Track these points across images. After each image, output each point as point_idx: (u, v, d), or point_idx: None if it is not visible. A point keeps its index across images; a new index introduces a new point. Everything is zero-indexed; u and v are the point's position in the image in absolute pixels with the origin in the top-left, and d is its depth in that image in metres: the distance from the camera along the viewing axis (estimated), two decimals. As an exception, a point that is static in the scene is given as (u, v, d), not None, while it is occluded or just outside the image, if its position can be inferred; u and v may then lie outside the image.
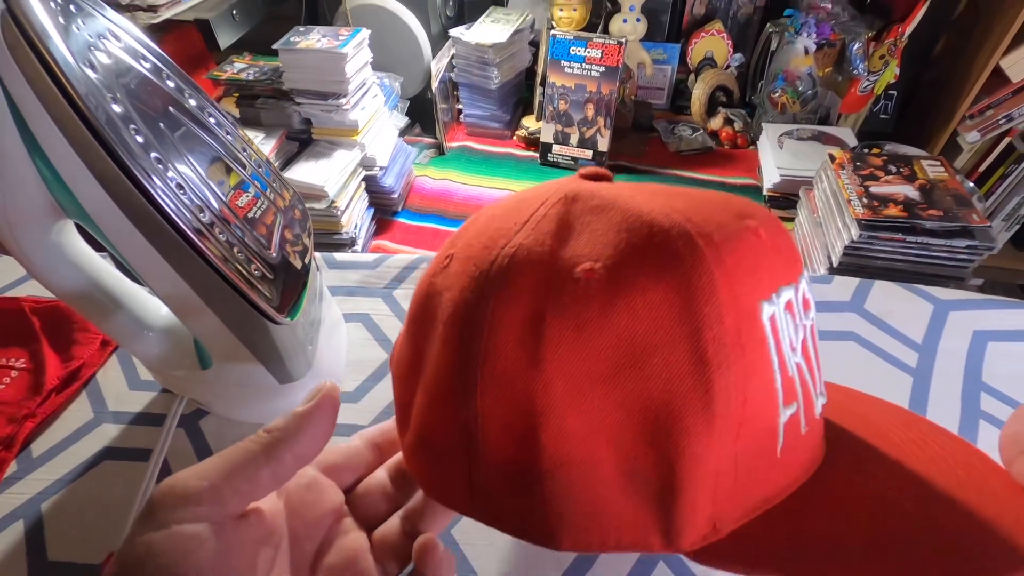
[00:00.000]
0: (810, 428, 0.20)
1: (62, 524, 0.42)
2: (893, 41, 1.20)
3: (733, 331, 0.17)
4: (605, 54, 1.25)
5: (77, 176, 0.31)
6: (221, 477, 0.18)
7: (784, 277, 0.19)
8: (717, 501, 0.17)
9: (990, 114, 1.18)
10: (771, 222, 0.20)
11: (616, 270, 0.17)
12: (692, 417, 0.16)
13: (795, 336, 0.19)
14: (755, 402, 0.17)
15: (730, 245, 0.17)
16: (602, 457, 0.17)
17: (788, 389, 0.18)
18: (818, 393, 0.20)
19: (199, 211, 0.34)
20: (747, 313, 0.17)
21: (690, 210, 0.18)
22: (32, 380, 0.49)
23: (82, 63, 0.30)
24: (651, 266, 0.17)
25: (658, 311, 0.17)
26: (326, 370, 0.48)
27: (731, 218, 0.19)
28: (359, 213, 1.15)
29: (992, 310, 0.56)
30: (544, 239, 0.19)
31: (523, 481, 0.18)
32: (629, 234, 0.18)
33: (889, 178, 0.83)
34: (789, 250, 0.20)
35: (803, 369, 0.19)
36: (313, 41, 1.04)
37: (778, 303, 0.18)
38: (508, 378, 0.18)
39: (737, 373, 0.17)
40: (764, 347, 0.17)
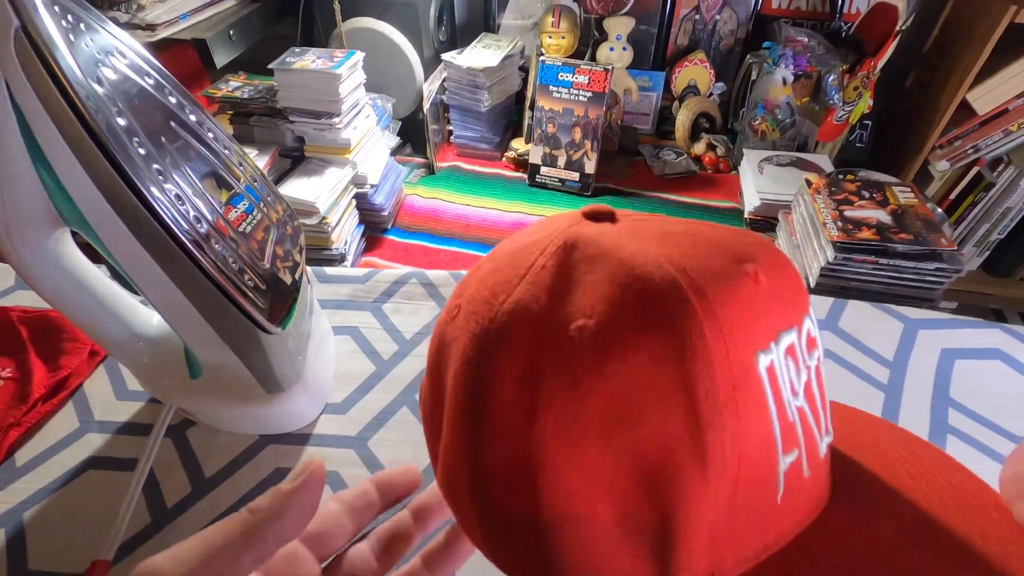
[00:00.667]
0: (813, 471, 0.19)
1: (45, 533, 0.41)
2: (866, 74, 1.26)
3: (726, 387, 0.16)
4: (592, 80, 1.29)
5: (80, 185, 0.32)
6: (201, 563, 0.17)
7: (785, 321, 0.19)
8: (714, 551, 0.18)
9: (958, 144, 1.23)
10: (773, 262, 0.19)
11: (608, 327, 0.17)
12: (686, 473, 0.17)
13: (797, 380, 0.19)
14: (752, 455, 0.17)
15: (723, 298, 0.17)
16: (600, 510, 0.18)
17: (788, 436, 0.18)
18: (823, 433, 0.20)
19: (196, 222, 0.35)
20: (741, 367, 0.17)
21: (686, 257, 0.18)
22: (18, 389, 0.49)
23: (89, 78, 0.31)
24: (642, 323, 0.17)
25: (649, 369, 0.17)
26: (315, 382, 0.49)
27: (728, 264, 0.18)
28: (349, 229, 1.17)
29: (959, 329, 0.58)
30: (540, 294, 0.19)
31: (526, 533, 0.19)
32: (621, 289, 0.18)
33: (863, 203, 0.86)
34: (793, 291, 0.20)
35: (806, 412, 0.19)
36: (308, 62, 1.06)
37: (777, 351, 0.18)
38: (508, 434, 0.18)
39: (731, 428, 0.17)
40: (761, 399, 0.17)
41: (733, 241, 0.20)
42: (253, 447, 0.47)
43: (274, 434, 0.48)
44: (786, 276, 0.20)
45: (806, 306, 0.20)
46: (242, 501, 0.44)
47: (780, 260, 0.20)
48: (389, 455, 0.47)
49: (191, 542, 0.18)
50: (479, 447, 0.19)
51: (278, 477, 0.45)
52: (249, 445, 0.47)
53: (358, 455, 0.47)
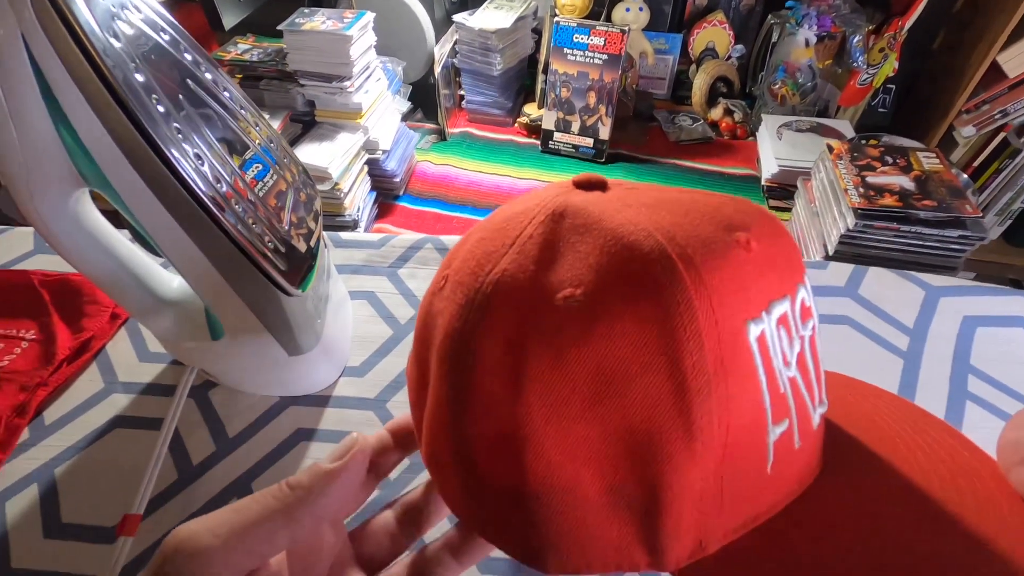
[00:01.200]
0: (804, 442, 0.19)
1: (76, 488, 0.43)
2: (893, 35, 1.21)
3: (714, 356, 0.16)
4: (608, 42, 1.26)
5: (100, 144, 0.31)
6: (236, 536, 0.17)
7: (778, 290, 0.18)
8: (703, 520, 0.18)
9: (986, 109, 1.19)
10: (767, 231, 0.19)
11: (595, 296, 0.17)
12: (673, 443, 0.16)
13: (789, 350, 0.19)
14: (740, 424, 0.17)
15: (712, 265, 0.17)
16: (586, 481, 0.18)
17: (778, 407, 0.18)
18: (817, 404, 0.20)
19: (216, 182, 0.35)
20: (731, 336, 0.17)
21: (676, 226, 0.18)
22: (42, 351, 0.50)
23: (106, 32, 0.30)
24: (629, 292, 0.17)
25: (636, 338, 0.16)
26: (334, 345, 0.49)
27: (719, 232, 0.18)
28: (362, 196, 1.16)
29: (981, 296, 0.58)
30: (527, 264, 0.19)
31: (513, 503, 0.18)
32: (609, 257, 0.17)
33: (885, 169, 0.84)
34: (787, 260, 0.19)
35: (798, 383, 0.19)
36: (318, 23, 1.04)
37: (768, 320, 0.18)
38: (493, 406, 0.18)
39: (719, 398, 0.16)
40: (750, 368, 0.17)
41: (726, 208, 0.19)
42: (274, 408, 0.48)
43: (294, 396, 0.49)
44: (780, 244, 0.19)
45: (801, 275, 0.20)
46: (264, 460, 0.45)
47: (774, 228, 0.20)
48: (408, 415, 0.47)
49: (227, 513, 0.18)
50: (463, 418, 0.19)
51: (299, 438, 0.46)
52: (270, 406, 0.48)
53: (377, 416, 0.48)
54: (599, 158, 1.37)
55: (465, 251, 0.21)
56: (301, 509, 0.18)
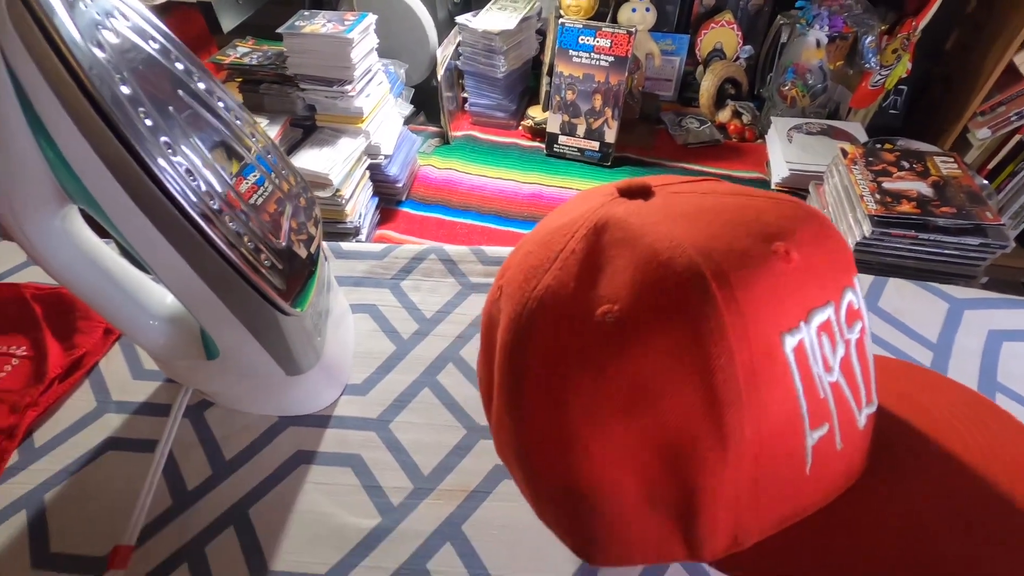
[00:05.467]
0: (848, 443, 0.19)
1: (66, 515, 0.41)
2: (906, 35, 1.19)
3: (746, 370, 0.17)
4: (614, 44, 1.23)
5: (83, 159, 0.30)
6: None
7: (819, 297, 0.18)
8: (738, 518, 0.18)
9: (1002, 111, 1.17)
10: (811, 236, 0.19)
11: (631, 313, 0.18)
12: (706, 452, 0.17)
13: (832, 355, 0.19)
14: (774, 432, 0.17)
15: (746, 281, 0.17)
16: (627, 483, 0.19)
17: (817, 412, 0.18)
18: (863, 405, 0.20)
19: (208, 197, 0.33)
20: (764, 350, 0.17)
21: (713, 239, 0.18)
22: (34, 368, 0.48)
23: (89, 42, 0.28)
24: (663, 310, 0.17)
25: (669, 355, 0.17)
26: (334, 362, 0.47)
27: (757, 243, 0.18)
28: (363, 202, 1.14)
29: (1007, 309, 0.55)
30: (568, 280, 0.20)
31: (564, 499, 0.20)
32: (645, 274, 0.18)
33: (902, 174, 0.82)
34: (832, 264, 0.19)
35: (840, 387, 0.19)
36: (318, 26, 1.02)
37: (807, 329, 0.18)
38: (541, 413, 0.19)
39: (751, 409, 0.17)
40: (786, 378, 0.17)
41: (769, 215, 0.20)
42: (272, 429, 0.46)
43: (294, 415, 0.47)
44: (826, 249, 0.19)
45: (849, 278, 0.20)
46: (263, 484, 0.43)
47: (821, 232, 0.20)
48: (411, 438, 0.45)
49: None
50: (518, 425, 0.20)
51: (299, 460, 0.44)
52: (269, 427, 0.46)
53: (380, 438, 0.46)
54: (605, 162, 1.35)
55: (516, 263, 0.22)
56: None
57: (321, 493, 0.42)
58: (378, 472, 0.43)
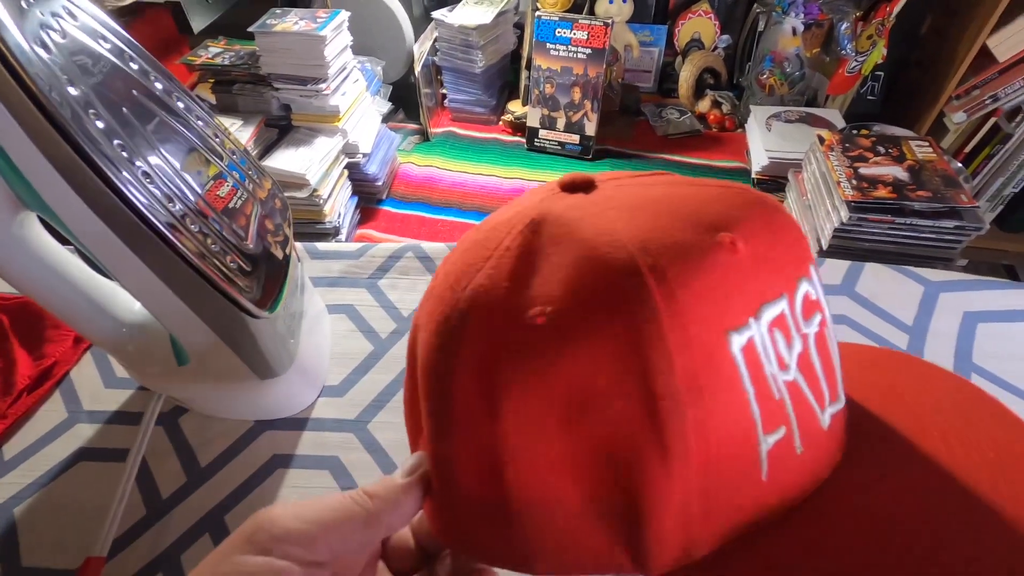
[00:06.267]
0: (809, 445, 0.18)
1: (37, 528, 0.40)
2: (881, 21, 1.19)
3: (687, 375, 0.16)
4: (591, 36, 1.23)
5: (34, 166, 0.29)
6: (319, 528, 0.18)
7: (771, 291, 0.17)
8: (688, 530, 0.17)
9: (976, 94, 1.18)
10: (760, 225, 0.18)
11: (565, 315, 0.16)
12: (648, 462, 0.16)
13: (788, 352, 0.17)
14: (723, 438, 0.16)
15: (687, 276, 0.16)
16: (568, 495, 0.17)
17: (772, 415, 0.17)
18: (826, 404, 0.18)
19: (169, 202, 0.32)
20: (707, 351, 0.16)
21: (653, 231, 0.17)
22: (2, 380, 0.47)
23: (34, 43, 0.28)
24: (598, 310, 0.16)
25: (606, 359, 0.16)
26: (310, 364, 0.47)
27: (700, 235, 0.17)
28: (342, 202, 1.13)
29: (982, 291, 0.56)
30: (501, 280, 0.18)
31: (496, 518, 0.18)
32: (580, 272, 0.17)
33: (878, 159, 0.82)
34: (785, 254, 0.18)
35: (799, 385, 0.18)
36: (290, 24, 1.01)
37: (757, 326, 0.17)
38: (471, 425, 0.18)
39: (695, 416, 0.16)
40: (733, 381, 0.16)
41: (713, 205, 0.18)
42: (248, 434, 0.46)
43: (270, 419, 0.46)
44: (778, 238, 0.18)
45: (804, 268, 0.18)
46: (239, 490, 0.42)
47: (773, 219, 0.18)
48: (390, 438, 0.45)
49: (314, 505, 0.19)
50: (444, 437, 0.19)
51: (275, 464, 0.44)
52: (244, 432, 0.46)
53: (358, 439, 0.45)
54: (586, 155, 1.34)
55: (451, 261, 0.21)
56: (379, 519, 0.19)
57: (298, 497, 0.42)
58: (356, 473, 0.43)
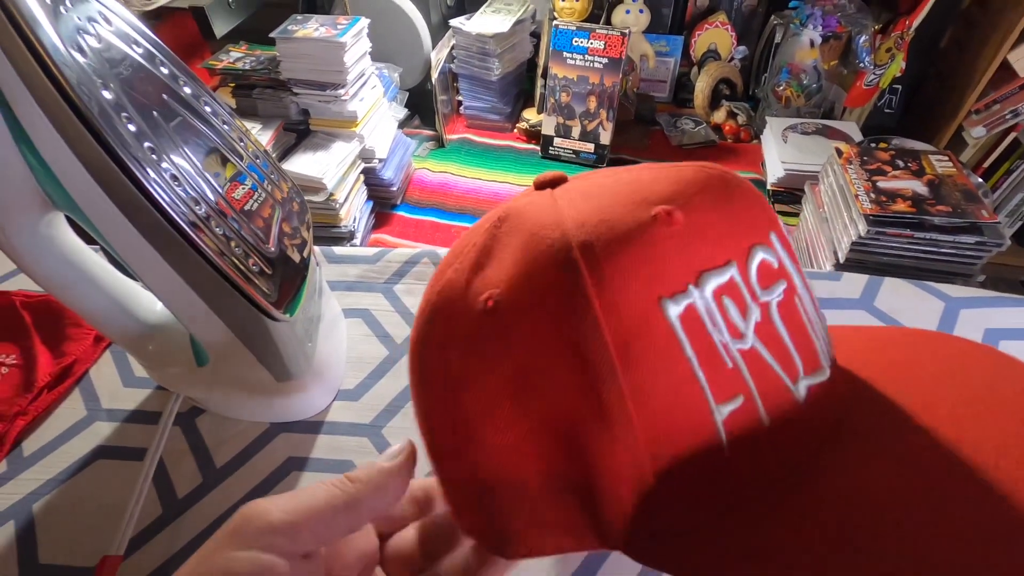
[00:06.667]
0: (780, 417, 0.17)
1: (54, 526, 0.40)
2: (900, 34, 1.19)
3: (617, 342, 0.16)
4: (608, 45, 1.23)
5: (66, 166, 0.29)
6: (303, 517, 0.19)
7: (713, 258, 0.17)
8: (647, 498, 0.17)
9: (996, 109, 1.17)
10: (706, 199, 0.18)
11: (508, 295, 0.18)
12: (592, 431, 0.17)
13: (743, 320, 0.17)
14: (666, 405, 0.16)
15: (613, 249, 0.17)
16: (530, 472, 0.18)
17: (724, 384, 0.17)
18: (800, 375, 0.18)
19: (195, 203, 0.33)
20: (637, 319, 0.16)
21: (592, 212, 0.18)
22: (23, 377, 0.48)
23: (71, 47, 0.28)
24: (535, 288, 0.17)
25: (544, 334, 0.17)
26: (326, 368, 0.47)
27: (635, 210, 0.17)
28: (358, 206, 1.14)
29: (1004, 308, 0.55)
30: (464, 272, 0.20)
31: (472, 495, 0.20)
32: (524, 254, 0.18)
33: (897, 173, 0.82)
34: (733, 223, 0.18)
35: (761, 354, 0.17)
36: (311, 30, 1.02)
37: (699, 293, 0.17)
38: (439, 408, 0.20)
39: (631, 381, 0.16)
40: (671, 347, 0.16)
41: (663, 183, 0.19)
42: (264, 436, 0.46)
43: (285, 422, 0.47)
44: (727, 209, 0.18)
45: (760, 235, 0.18)
46: (254, 492, 0.42)
47: (723, 191, 0.19)
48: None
49: (297, 496, 0.19)
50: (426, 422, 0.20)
51: (290, 467, 0.44)
52: (260, 434, 0.46)
53: (372, 443, 0.45)
54: (600, 164, 1.35)
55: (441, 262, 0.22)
56: (361, 502, 0.20)
57: (313, 500, 0.42)
58: (370, 478, 0.43)
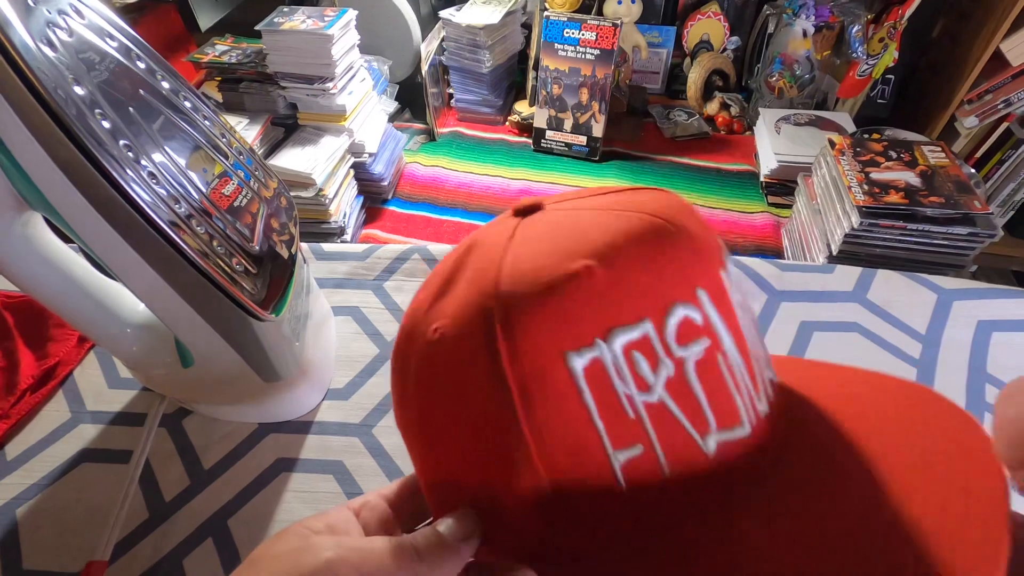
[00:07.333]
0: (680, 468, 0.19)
1: (38, 531, 0.40)
2: (893, 24, 1.18)
3: (519, 388, 0.18)
4: (600, 37, 1.22)
5: (38, 165, 0.28)
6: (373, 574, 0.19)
7: (626, 315, 0.18)
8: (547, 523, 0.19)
9: (989, 99, 1.17)
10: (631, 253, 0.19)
11: (449, 331, 0.19)
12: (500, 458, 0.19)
13: (652, 375, 0.18)
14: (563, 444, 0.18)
15: (529, 302, 0.18)
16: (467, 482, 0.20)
17: (623, 433, 0.18)
18: (712, 429, 0.19)
19: (174, 202, 0.32)
20: (538, 369, 0.18)
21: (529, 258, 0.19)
22: (5, 379, 0.47)
23: (40, 42, 0.27)
24: (464, 331, 0.19)
25: (468, 372, 0.19)
26: (315, 367, 0.46)
27: (560, 261, 0.19)
28: (348, 201, 1.13)
29: (996, 299, 0.55)
30: (427, 299, 0.21)
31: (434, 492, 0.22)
32: (466, 292, 0.20)
33: (890, 164, 0.81)
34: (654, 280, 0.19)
35: (668, 407, 0.18)
36: (297, 22, 1.00)
37: (606, 347, 0.18)
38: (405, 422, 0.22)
39: (531, 423, 0.18)
40: (569, 396, 0.18)
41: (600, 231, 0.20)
42: (252, 436, 0.45)
43: (274, 423, 0.46)
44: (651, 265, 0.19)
45: (685, 293, 0.19)
46: (243, 493, 0.42)
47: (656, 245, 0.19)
48: (395, 442, 0.44)
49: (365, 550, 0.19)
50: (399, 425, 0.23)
51: (279, 468, 0.43)
52: (248, 434, 0.45)
53: (363, 443, 0.45)
54: (593, 156, 1.34)
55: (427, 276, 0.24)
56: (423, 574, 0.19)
57: (302, 501, 0.41)
58: (360, 478, 0.42)
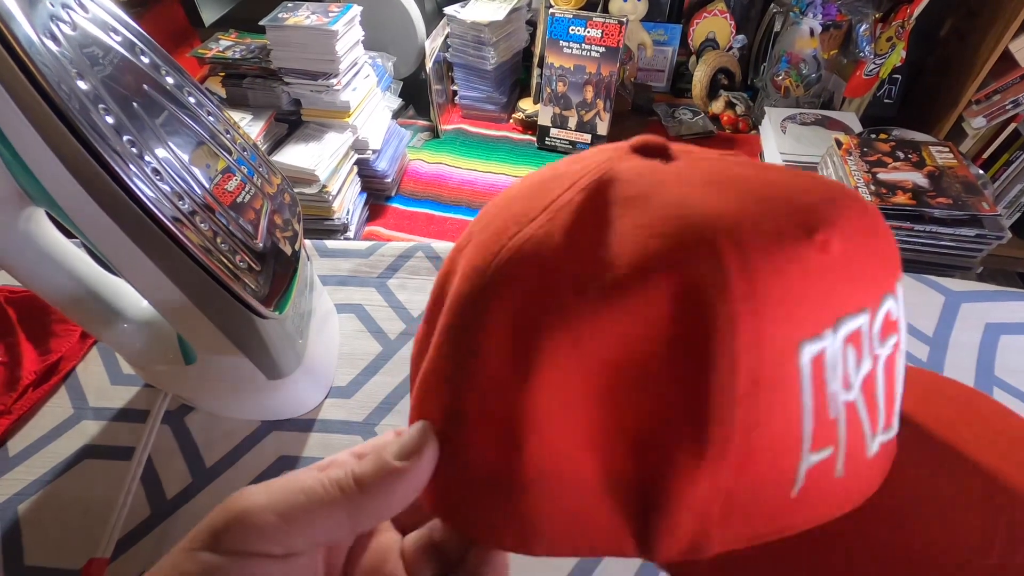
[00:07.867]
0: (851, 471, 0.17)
1: (40, 527, 0.40)
2: (901, 23, 1.18)
3: (748, 379, 0.14)
4: (605, 34, 1.22)
5: (41, 160, 0.28)
6: (297, 523, 0.16)
7: (854, 302, 0.16)
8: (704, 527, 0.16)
9: (997, 99, 1.16)
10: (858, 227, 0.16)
11: (627, 283, 0.15)
12: (681, 454, 0.15)
13: (855, 371, 0.16)
14: (766, 448, 0.15)
15: (772, 270, 0.15)
16: (586, 469, 0.16)
17: (822, 435, 0.16)
18: (879, 430, 0.17)
19: (178, 198, 0.32)
20: (774, 360, 0.15)
21: (740, 214, 0.15)
22: (7, 375, 0.47)
23: (44, 36, 0.27)
24: (666, 287, 0.15)
25: (665, 340, 0.15)
26: (318, 365, 0.46)
27: (793, 227, 0.15)
28: (351, 198, 1.12)
29: (1005, 302, 0.54)
30: (556, 234, 0.16)
31: (500, 489, 0.17)
32: (651, 242, 0.15)
33: (897, 164, 0.81)
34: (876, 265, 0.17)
35: (856, 408, 0.16)
36: (302, 18, 1.00)
37: (833, 339, 0.15)
38: (496, 384, 0.16)
39: (744, 422, 0.15)
40: (794, 394, 0.15)
41: (810, 195, 0.16)
42: (255, 434, 0.45)
43: (276, 420, 0.46)
44: (872, 246, 0.16)
45: (891, 283, 0.17)
46: (245, 492, 0.42)
47: (869, 223, 0.17)
48: (398, 442, 0.44)
49: (291, 492, 0.17)
50: (459, 392, 0.17)
51: (282, 466, 0.43)
52: (251, 432, 0.45)
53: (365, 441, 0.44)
54: (597, 154, 1.33)
55: (496, 209, 0.19)
56: (365, 510, 0.17)
57: (304, 500, 0.41)
58: (363, 478, 0.42)
